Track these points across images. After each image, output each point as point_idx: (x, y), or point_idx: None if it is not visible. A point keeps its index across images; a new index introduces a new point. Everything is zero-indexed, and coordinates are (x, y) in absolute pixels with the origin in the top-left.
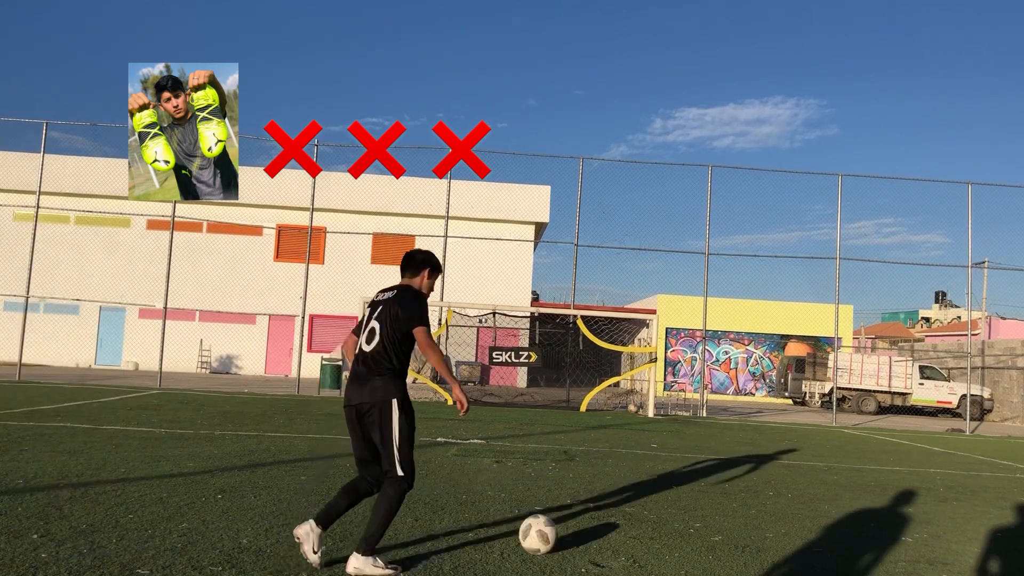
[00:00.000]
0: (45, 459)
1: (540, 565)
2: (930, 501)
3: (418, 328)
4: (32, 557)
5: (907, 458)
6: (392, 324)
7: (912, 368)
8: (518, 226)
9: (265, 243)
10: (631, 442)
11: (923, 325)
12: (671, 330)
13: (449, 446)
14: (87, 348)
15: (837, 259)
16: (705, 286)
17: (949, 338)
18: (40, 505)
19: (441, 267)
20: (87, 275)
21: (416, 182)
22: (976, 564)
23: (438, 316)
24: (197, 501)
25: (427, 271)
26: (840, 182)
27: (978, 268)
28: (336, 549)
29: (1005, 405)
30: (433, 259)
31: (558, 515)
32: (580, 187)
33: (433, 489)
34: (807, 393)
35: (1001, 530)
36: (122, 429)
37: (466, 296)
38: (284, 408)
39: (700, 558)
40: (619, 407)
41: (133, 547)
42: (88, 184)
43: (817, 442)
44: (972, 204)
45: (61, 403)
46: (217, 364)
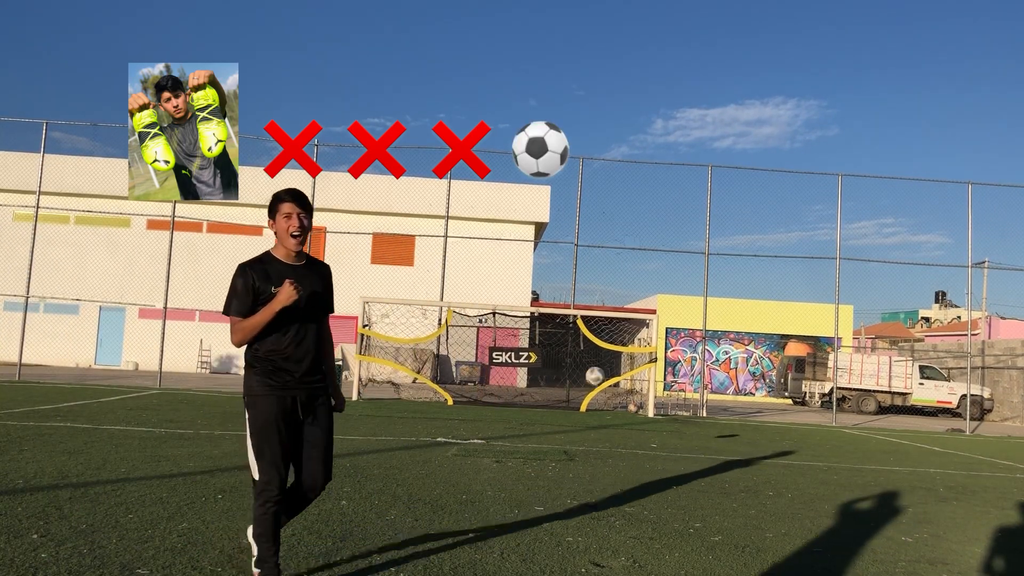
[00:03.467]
0: (45, 459)
1: (540, 565)
2: (930, 501)
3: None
4: (32, 557)
5: (907, 458)
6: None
7: (912, 368)
8: (518, 226)
9: (265, 243)
10: (631, 442)
11: (923, 325)
12: (671, 330)
13: (449, 446)
14: (87, 348)
15: (837, 259)
16: (705, 286)
17: (949, 338)
18: (40, 505)
19: (286, 196)
20: (87, 275)
21: (416, 182)
22: (976, 564)
23: (438, 316)
24: (197, 501)
25: (269, 220)
26: (840, 182)
27: (978, 268)
28: (336, 549)
29: (1005, 405)
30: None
31: (558, 515)
32: (580, 187)
33: (433, 489)
34: (807, 393)
35: (1001, 530)
36: (122, 429)
37: (466, 296)
38: None
39: (700, 558)
40: (619, 407)
41: (133, 547)
42: (88, 184)
43: (817, 442)
44: (972, 204)
45: (61, 403)
46: (217, 364)
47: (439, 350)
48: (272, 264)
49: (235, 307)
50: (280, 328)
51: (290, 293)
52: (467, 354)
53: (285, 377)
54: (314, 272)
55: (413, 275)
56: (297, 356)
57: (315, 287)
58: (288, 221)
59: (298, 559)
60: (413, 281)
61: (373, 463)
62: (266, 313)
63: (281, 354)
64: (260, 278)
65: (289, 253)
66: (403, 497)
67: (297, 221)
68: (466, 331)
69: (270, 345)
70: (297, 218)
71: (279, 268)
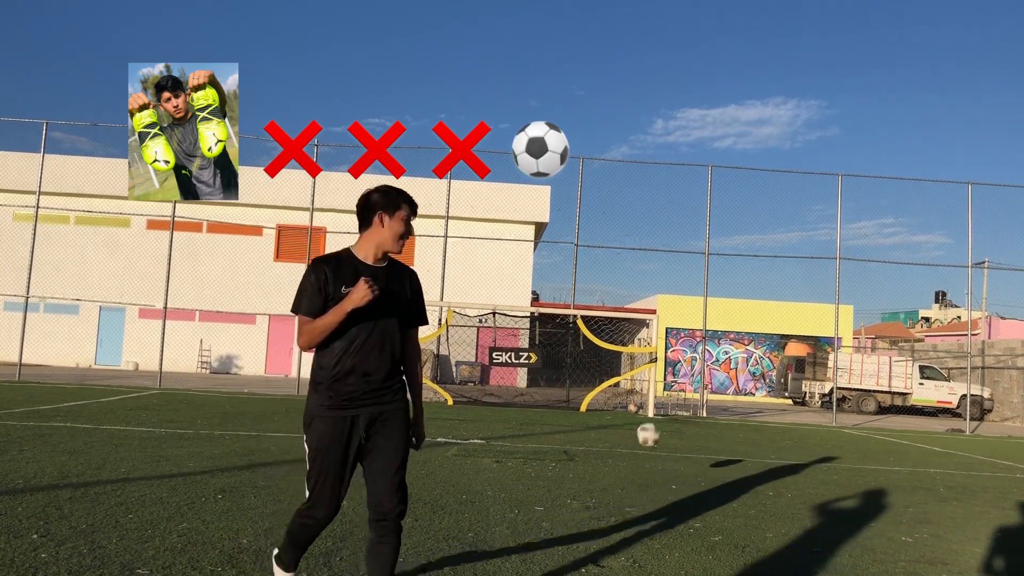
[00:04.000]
0: (45, 459)
1: (540, 565)
2: (930, 501)
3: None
4: (32, 557)
5: (907, 458)
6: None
7: (912, 368)
8: (518, 226)
9: (265, 243)
10: (631, 442)
11: (923, 325)
12: (671, 330)
13: (449, 446)
14: (87, 348)
15: (837, 259)
16: (705, 286)
17: (949, 338)
18: (40, 505)
19: (410, 201)
20: (87, 275)
21: (416, 182)
22: (976, 564)
23: (438, 316)
24: (197, 501)
25: (380, 215)
26: (840, 182)
27: (978, 268)
28: (336, 549)
29: (1005, 405)
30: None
31: (558, 515)
32: (580, 187)
33: (433, 489)
34: (807, 393)
35: (1001, 530)
36: (122, 429)
37: (466, 296)
38: (284, 408)
39: (700, 558)
40: (619, 407)
41: (133, 547)
42: (88, 184)
43: (817, 442)
44: (972, 204)
45: (61, 403)
46: (217, 364)
47: (439, 350)
48: (349, 262)
49: (305, 305)
50: (350, 334)
51: (364, 293)
52: (467, 354)
53: (350, 392)
54: (398, 275)
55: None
56: (366, 368)
57: (396, 290)
58: (403, 226)
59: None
60: None
61: None
62: (336, 313)
63: (347, 364)
64: (333, 276)
65: (373, 254)
66: None
67: (406, 228)
68: (466, 331)
69: (336, 354)
70: (406, 225)
71: (357, 267)
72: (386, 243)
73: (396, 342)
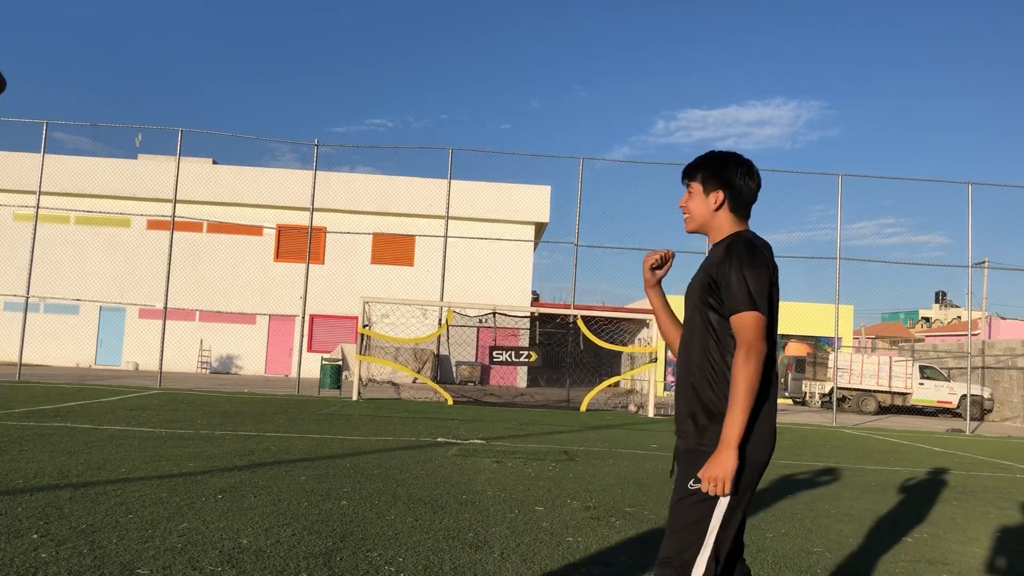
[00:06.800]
0: (45, 459)
1: (540, 565)
2: (930, 501)
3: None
4: (32, 557)
5: (907, 458)
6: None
7: (912, 368)
8: (518, 226)
9: (265, 243)
10: (631, 442)
11: (923, 325)
12: None
13: (449, 446)
14: (87, 348)
15: (837, 259)
16: None
17: (949, 338)
18: (40, 505)
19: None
20: (87, 275)
21: (416, 182)
22: (976, 564)
23: (438, 316)
24: (197, 501)
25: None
26: (840, 182)
27: (978, 268)
28: (336, 549)
29: (1005, 405)
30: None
31: (558, 515)
32: (580, 187)
33: (433, 489)
34: (807, 393)
35: (1001, 530)
36: (122, 429)
37: (466, 296)
38: (284, 408)
39: None
40: (619, 407)
41: (133, 547)
42: (88, 184)
43: (817, 442)
44: (972, 204)
45: (61, 403)
46: (217, 364)
47: (439, 350)
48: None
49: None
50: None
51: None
52: (467, 354)
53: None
54: (707, 262)
55: (413, 275)
56: (676, 389)
57: (694, 283)
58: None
59: (298, 559)
60: (413, 281)
61: (373, 463)
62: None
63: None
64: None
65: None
66: (403, 497)
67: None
68: (466, 331)
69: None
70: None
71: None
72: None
73: (690, 352)
